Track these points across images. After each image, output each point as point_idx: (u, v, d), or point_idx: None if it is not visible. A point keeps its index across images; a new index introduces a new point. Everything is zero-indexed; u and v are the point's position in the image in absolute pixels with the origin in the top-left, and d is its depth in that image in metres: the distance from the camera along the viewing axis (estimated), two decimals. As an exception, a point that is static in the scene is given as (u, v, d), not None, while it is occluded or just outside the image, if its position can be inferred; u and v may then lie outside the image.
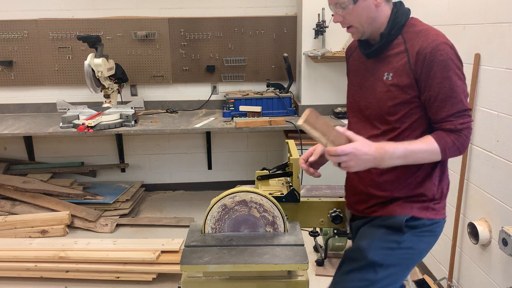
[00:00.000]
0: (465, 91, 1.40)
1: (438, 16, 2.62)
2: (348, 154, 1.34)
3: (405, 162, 1.41)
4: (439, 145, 1.39)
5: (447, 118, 1.39)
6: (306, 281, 1.56)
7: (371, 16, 1.46)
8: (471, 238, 2.21)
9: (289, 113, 3.85)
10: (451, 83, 1.37)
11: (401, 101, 1.44)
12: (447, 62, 1.36)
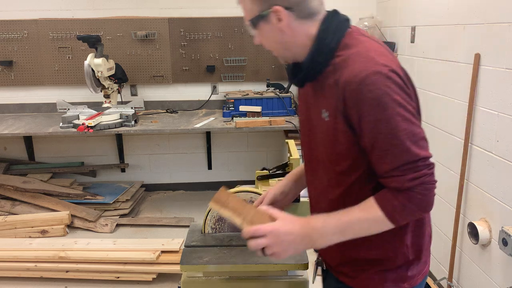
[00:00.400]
0: (415, 135, 1.04)
1: (438, 16, 2.62)
2: (267, 235, 1.08)
3: (345, 237, 1.10)
4: (384, 210, 1.05)
5: (391, 172, 1.04)
6: (306, 281, 1.56)
7: (281, 40, 1.14)
8: (471, 238, 2.21)
9: (289, 113, 3.85)
10: (389, 127, 1.01)
11: (341, 148, 1.11)
12: (380, 99, 0.99)
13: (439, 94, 2.63)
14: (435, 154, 2.82)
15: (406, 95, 1.04)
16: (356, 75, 1.01)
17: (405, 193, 1.03)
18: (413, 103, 1.08)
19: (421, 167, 1.03)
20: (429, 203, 1.06)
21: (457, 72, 2.42)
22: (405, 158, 1.02)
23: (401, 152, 1.02)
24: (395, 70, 1.03)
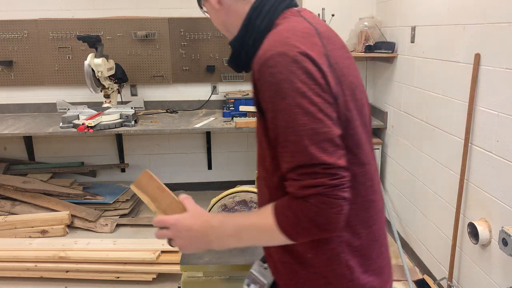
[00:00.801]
0: (318, 133, 0.84)
1: (438, 16, 2.62)
2: (170, 227, 1.01)
3: (241, 243, 0.97)
4: (276, 219, 0.89)
5: (288, 174, 0.88)
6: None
7: (220, 21, 1.07)
8: (471, 238, 2.21)
9: (289, 113, 3.85)
10: (287, 119, 0.85)
11: (262, 142, 1.00)
12: (279, 85, 0.85)
13: (439, 94, 2.63)
14: (435, 154, 2.83)
15: (317, 85, 0.86)
16: (262, 55, 0.88)
17: (299, 202, 0.85)
18: (328, 96, 0.88)
19: (319, 174, 0.84)
20: (329, 221, 0.85)
21: (457, 72, 2.42)
22: (300, 159, 0.85)
23: (297, 151, 0.85)
24: (309, 54, 0.87)
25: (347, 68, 0.96)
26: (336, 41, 1.00)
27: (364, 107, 1.02)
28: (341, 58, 0.96)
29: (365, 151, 0.97)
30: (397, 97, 3.31)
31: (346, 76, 0.94)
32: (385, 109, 3.55)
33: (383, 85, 3.63)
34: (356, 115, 0.95)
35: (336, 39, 1.01)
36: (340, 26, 3.61)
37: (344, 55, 0.99)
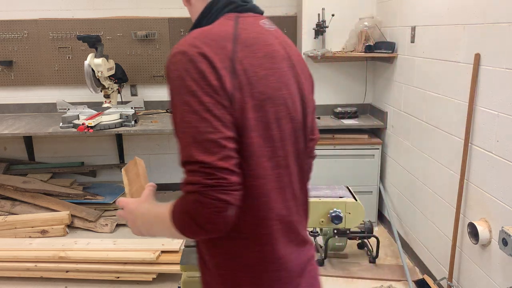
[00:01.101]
0: (200, 133, 0.86)
1: (438, 16, 2.62)
2: (123, 208, 1.09)
3: (161, 233, 1.00)
4: (170, 213, 0.91)
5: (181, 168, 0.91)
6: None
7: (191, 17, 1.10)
8: (471, 238, 2.21)
9: (289, 113, 3.85)
10: (177, 115, 0.89)
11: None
12: (175, 81, 0.89)
13: (439, 94, 2.63)
14: (435, 154, 2.83)
15: (209, 86, 0.87)
16: (171, 52, 0.92)
17: (183, 198, 0.88)
18: (221, 99, 0.88)
19: (196, 173, 0.85)
20: (208, 221, 0.86)
21: (457, 72, 2.42)
22: (184, 156, 0.88)
23: (182, 147, 0.88)
24: (208, 55, 0.88)
25: (263, 78, 0.94)
26: (261, 49, 0.97)
27: (282, 121, 0.97)
28: (257, 67, 0.94)
29: (261, 165, 0.94)
30: (397, 97, 3.31)
31: (256, 85, 0.93)
32: (385, 109, 3.55)
33: (383, 85, 3.63)
34: (256, 126, 0.93)
35: (264, 48, 0.98)
36: (340, 26, 3.63)
37: (266, 65, 0.96)
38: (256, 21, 1.02)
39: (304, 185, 1.08)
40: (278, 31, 1.08)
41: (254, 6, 1.06)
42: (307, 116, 1.07)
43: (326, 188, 2.09)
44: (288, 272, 1.01)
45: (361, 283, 2.88)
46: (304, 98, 1.05)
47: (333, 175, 3.56)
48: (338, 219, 1.86)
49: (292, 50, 1.08)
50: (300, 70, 1.07)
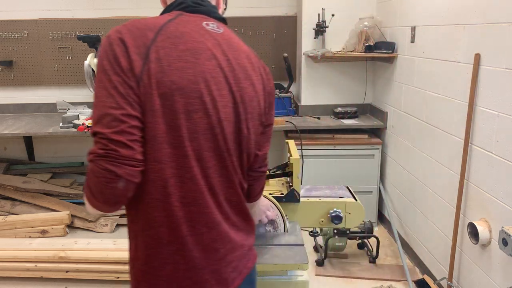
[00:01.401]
0: (104, 107, 0.94)
1: (438, 16, 2.62)
2: None
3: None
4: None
5: None
6: (306, 281, 1.56)
7: None
8: (471, 238, 2.21)
9: (289, 113, 3.85)
10: (95, 89, 1.00)
11: None
12: (98, 61, 1.00)
13: (439, 94, 2.63)
14: (435, 154, 2.84)
15: (119, 67, 0.96)
16: None
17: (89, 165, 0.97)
18: (129, 80, 0.96)
19: (95, 143, 0.94)
20: (99, 190, 0.95)
21: (457, 72, 2.42)
22: (92, 127, 0.97)
23: (92, 119, 0.98)
24: (125, 40, 0.98)
25: (179, 69, 0.99)
26: (185, 43, 1.02)
27: (194, 114, 1.00)
28: (175, 58, 0.99)
29: (161, 150, 0.98)
30: (397, 97, 3.31)
31: (168, 74, 0.98)
32: (385, 109, 3.55)
33: (383, 85, 3.63)
34: (163, 112, 0.98)
35: (189, 43, 1.02)
36: (340, 26, 3.63)
37: (186, 58, 1.00)
38: (199, 21, 1.08)
39: (232, 186, 1.10)
40: (225, 35, 1.10)
41: (208, 10, 1.13)
42: (243, 122, 1.07)
43: (326, 188, 2.08)
44: (187, 260, 1.05)
45: (361, 283, 2.88)
46: (241, 103, 1.07)
47: (333, 175, 3.56)
48: (338, 219, 1.86)
49: (240, 56, 1.10)
50: (243, 76, 1.08)
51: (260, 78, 1.14)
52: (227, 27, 1.16)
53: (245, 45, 1.16)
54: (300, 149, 3.28)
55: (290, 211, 1.85)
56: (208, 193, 1.05)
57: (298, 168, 1.84)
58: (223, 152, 1.05)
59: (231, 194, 1.11)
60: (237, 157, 1.10)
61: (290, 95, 3.90)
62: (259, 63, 1.17)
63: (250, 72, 1.10)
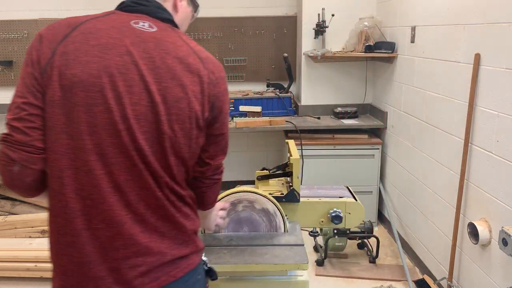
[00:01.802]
0: (14, 95, 1.04)
1: (438, 16, 2.62)
2: None
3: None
4: None
5: None
6: (306, 281, 1.56)
7: None
8: (471, 238, 2.21)
9: (289, 113, 3.85)
10: None
11: None
12: None
13: (439, 94, 2.63)
14: (435, 154, 2.84)
15: (31, 60, 1.04)
16: None
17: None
18: (35, 71, 1.02)
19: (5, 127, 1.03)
20: (2, 173, 1.04)
21: (457, 72, 2.42)
22: None
23: None
24: (43, 36, 1.05)
25: (83, 63, 1.01)
26: (98, 39, 1.04)
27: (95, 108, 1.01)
28: (82, 52, 1.02)
29: (58, 141, 1.02)
30: (397, 97, 3.31)
31: (71, 67, 1.01)
32: (385, 109, 3.55)
33: (383, 85, 3.63)
34: (62, 104, 1.01)
35: (102, 39, 1.04)
36: (340, 26, 3.63)
37: (93, 53, 1.02)
38: (127, 19, 1.09)
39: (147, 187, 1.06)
40: (156, 34, 1.08)
41: (149, 10, 1.13)
42: (164, 123, 1.04)
43: (326, 188, 2.09)
44: (81, 253, 1.05)
45: (361, 283, 2.88)
46: (162, 103, 1.04)
47: (333, 175, 3.56)
48: (338, 219, 1.86)
49: (168, 56, 1.06)
50: (169, 75, 1.05)
51: (198, 81, 1.09)
52: (171, 28, 1.13)
53: (187, 47, 1.11)
54: (300, 149, 3.28)
55: (290, 211, 1.85)
56: (111, 190, 1.03)
57: (298, 168, 1.84)
58: (129, 150, 1.03)
59: (147, 196, 1.06)
60: (157, 159, 1.06)
61: (290, 95, 3.90)
62: (204, 66, 1.11)
63: (179, 73, 1.06)
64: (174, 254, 1.12)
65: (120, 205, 1.04)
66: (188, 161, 1.12)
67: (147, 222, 1.08)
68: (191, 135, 1.10)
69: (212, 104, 1.12)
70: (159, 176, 1.07)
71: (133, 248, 1.06)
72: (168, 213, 1.10)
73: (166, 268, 1.10)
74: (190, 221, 1.17)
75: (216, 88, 1.13)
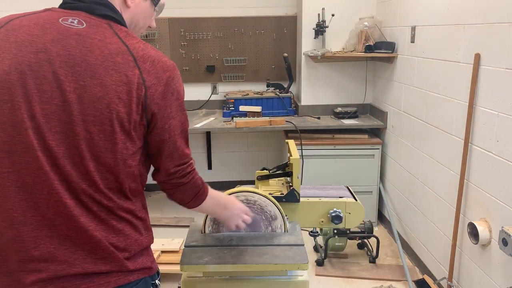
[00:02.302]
0: None
1: (438, 16, 2.62)
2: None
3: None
4: None
5: None
6: (306, 281, 1.56)
7: None
8: (471, 238, 2.21)
9: (289, 113, 3.85)
10: None
11: None
12: None
13: (439, 94, 2.63)
14: (435, 154, 2.84)
15: None
16: None
17: None
18: None
19: None
20: None
21: (457, 72, 2.42)
22: None
23: None
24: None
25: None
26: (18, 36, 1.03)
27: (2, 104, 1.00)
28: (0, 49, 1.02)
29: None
30: (397, 97, 3.31)
31: None
32: (385, 109, 3.55)
33: (383, 85, 3.63)
34: None
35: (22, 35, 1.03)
36: (340, 26, 3.63)
37: (11, 50, 1.01)
38: (56, 16, 1.07)
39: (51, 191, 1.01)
40: (82, 31, 1.05)
41: (87, 7, 1.09)
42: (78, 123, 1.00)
43: (326, 188, 2.08)
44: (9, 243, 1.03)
45: (361, 283, 2.88)
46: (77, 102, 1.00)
47: (333, 175, 3.56)
48: (338, 219, 1.86)
49: (91, 54, 1.02)
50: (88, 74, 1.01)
51: (125, 81, 1.02)
52: (108, 25, 1.08)
53: (118, 45, 1.05)
54: (300, 149, 3.28)
55: (290, 211, 1.85)
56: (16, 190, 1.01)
57: (298, 168, 1.84)
58: (36, 150, 0.99)
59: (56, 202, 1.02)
60: (73, 162, 1.01)
61: (290, 95, 3.90)
62: (135, 65, 1.04)
63: (101, 71, 1.01)
64: (87, 268, 1.05)
65: (25, 207, 1.01)
66: (114, 167, 1.04)
67: (58, 229, 1.03)
68: (114, 139, 1.02)
69: (144, 107, 1.04)
70: (72, 181, 1.01)
71: (35, 252, 1.02)
72: (79, 224, 1.03)
73: (76, 281, 1.04)
74: (119, 236, 1.08)
75: (151, 89, 1.05)
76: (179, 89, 1.12)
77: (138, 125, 1.05)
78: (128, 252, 1.10)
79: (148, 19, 1.24)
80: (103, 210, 1.06)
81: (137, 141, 1.07)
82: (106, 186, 1.05)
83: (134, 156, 1.08)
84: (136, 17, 1.19)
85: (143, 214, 1.16)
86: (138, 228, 1.13)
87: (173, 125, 1.12)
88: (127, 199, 1.10)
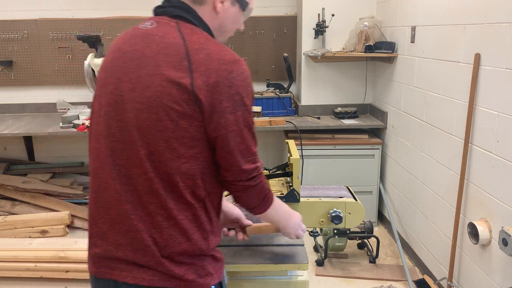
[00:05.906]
0: None
1: (438, 16, 2.62)
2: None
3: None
4: None
5: None
6: (306, 281, 1.56)
7: None
8: (471, 238, 2.21)
9: (289, 113, 3.85)
10: None
11: None
12: None
13: (439, 94, 2.63)
14: (435, 154, 2.83)
15: None
16: None
17: None
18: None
19: None
20: None
21: (457, 72, 2.42)
22: None
23: None
24: None
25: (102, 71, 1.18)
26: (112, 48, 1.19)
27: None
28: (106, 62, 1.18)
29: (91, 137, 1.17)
30: (397, 97, 3.31)
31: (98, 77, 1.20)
32: (385, 109, 3.55)
33: (383, 85, 3.63)
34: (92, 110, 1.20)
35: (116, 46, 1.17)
36: (340, 26, 3.63)
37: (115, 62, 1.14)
38: (141, 23, 1.18)
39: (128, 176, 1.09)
40: (148, 30, 1.13)
41: (163, 11, 1.17)
42: (128, 112, 1.07)
43: (326, 188, 2.08)
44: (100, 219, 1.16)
45: (361, 283, 2.88)
46: (131, 92, 1.09)
47: (333, 175, 3.56)
48: (338, 219, 1.86)
49: (148, 47, 1.10)
50: (143, 64, 1.08)
51: (173, 71, 1.04)
52: (175, 23, 1.13)
53: (177, 39, 1.08)
54: (300, 149, 3.28)
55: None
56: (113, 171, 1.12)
57: (298, 168, 1.84)
58: (108, 136, 1.12)
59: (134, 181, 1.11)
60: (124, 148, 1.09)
61: (290, 95, 3.90)
62: (189, 57, 1.05)
63: (155, 62, 1.06)
64: (128, 255, 1.10)
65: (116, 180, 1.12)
66: (162, 155, 1.05)
67: (110, 212, 1.13)
68: (163, 126, 1.04)
69: (196, 99, 1.03)
70: (124, 166, 1.10)
71: (94, 228, 1.18)
72: (123, 211, 1.10)
73: (120, 264, 1.11)
74: (162, 233, 1.08)
75: (198, 80, 1.03)
76: (239, 84, 1.08)
77: (188, 116, 1.04)
78: (169, 252, 1.09)
79: (236, 23, 1.30)
80: (153, 202, 1.08)
81: (192, 131, 1.05)
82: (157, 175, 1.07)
83: (188, 150, 1.06)
84: (225, 22, 1.25)
85: (200, 220, 1.12)
86: (186, 232, 1.10)
87: (231, 120, 1.09)
88: (181, 201, 1.09)
